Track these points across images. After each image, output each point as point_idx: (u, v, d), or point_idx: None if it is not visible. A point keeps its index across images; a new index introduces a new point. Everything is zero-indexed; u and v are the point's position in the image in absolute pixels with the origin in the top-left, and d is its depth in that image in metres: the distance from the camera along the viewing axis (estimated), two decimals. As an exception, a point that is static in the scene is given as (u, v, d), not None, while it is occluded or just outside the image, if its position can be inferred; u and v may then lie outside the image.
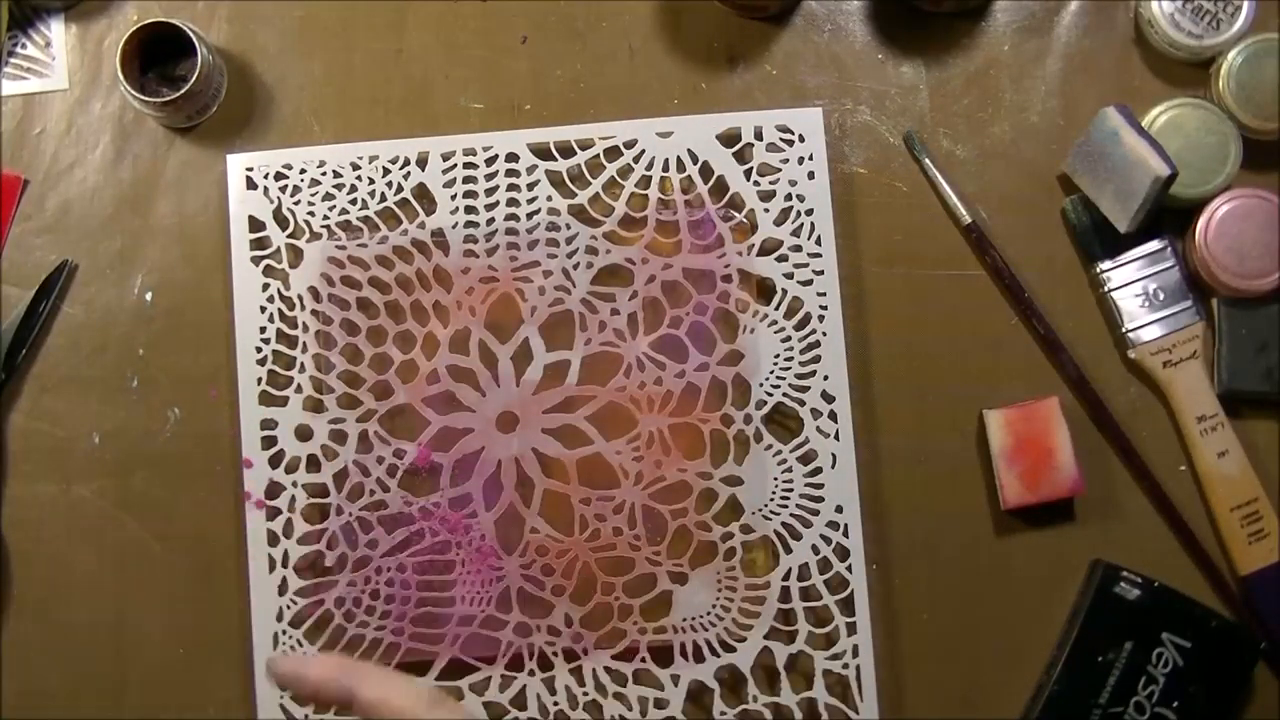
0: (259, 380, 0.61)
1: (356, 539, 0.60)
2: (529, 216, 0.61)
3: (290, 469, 0.61)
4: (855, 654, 0.59)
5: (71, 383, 0.62)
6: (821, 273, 0.60)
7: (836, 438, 0.60)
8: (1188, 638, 0.58)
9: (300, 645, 0.60)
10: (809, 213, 0.61)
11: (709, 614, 0.59)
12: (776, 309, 0.60)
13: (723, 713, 0.59)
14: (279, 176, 0.62)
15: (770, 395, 0.60)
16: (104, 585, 0.61)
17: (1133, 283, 0.60)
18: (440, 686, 0.60)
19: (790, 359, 0.60)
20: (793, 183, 0.61)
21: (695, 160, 0.61)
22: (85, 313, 0.63)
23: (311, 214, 0.62)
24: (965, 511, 0.61)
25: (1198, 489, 0.60)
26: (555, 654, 0.60)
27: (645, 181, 0.61)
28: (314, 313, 0.61)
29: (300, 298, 0.61)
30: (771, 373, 0.60)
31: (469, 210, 0.61)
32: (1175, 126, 0.59)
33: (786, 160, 0.61)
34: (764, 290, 0.61)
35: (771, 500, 0.60)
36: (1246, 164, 0.59)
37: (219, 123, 0.63)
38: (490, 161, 0.62)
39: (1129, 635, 0.58)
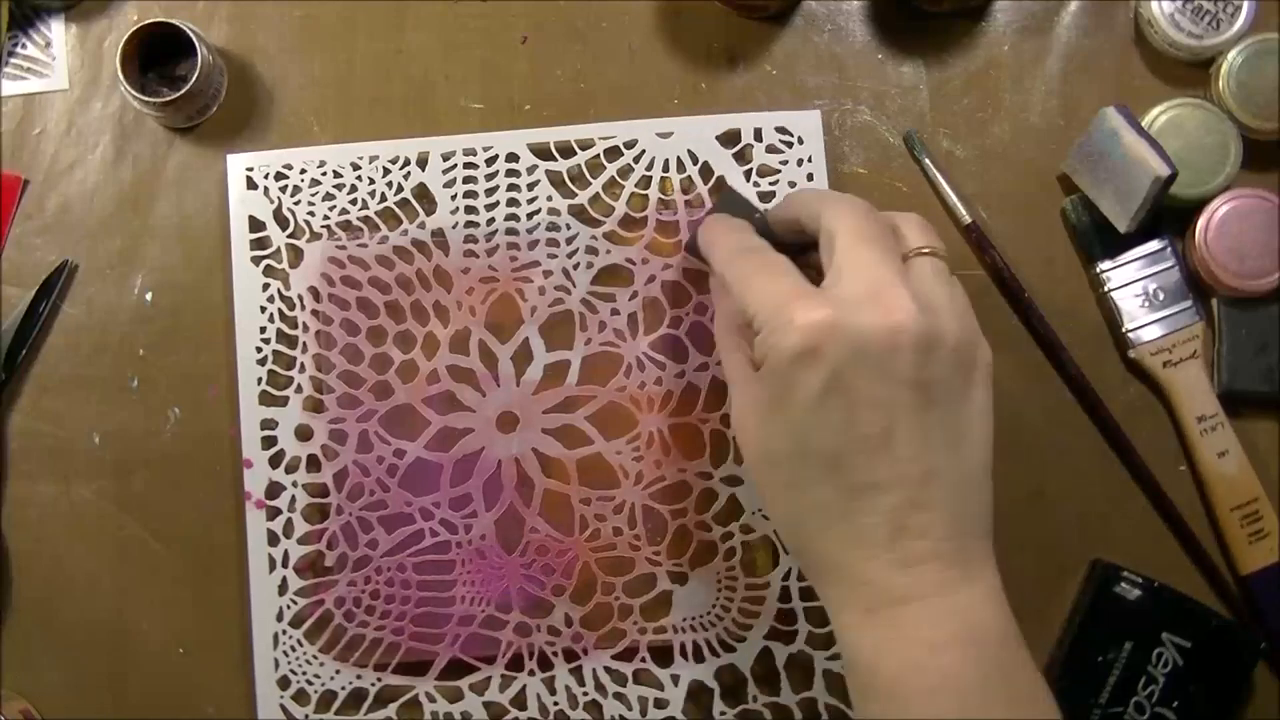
0: (259, 380, 0.61)
1: (356, 539, 0.60)
2: (529, 216, 0.61)
3: (290, 469, 0.61)
4: (855, 654, 0.59)
5: (71, 383, 0.62)
6: (821, 273, 0.60)
7: (836, 438, 0.60)
8: (1188, 638, 0.58)
9: (301, 645, 0.60)
10: (809, 213, 0.61)
11: (709, 614, 0.59)
12: (776, 309, 0.60)
13: (723, 713, 0.59)
14: (279, 176, 0.62)
15: (770, 395, 0.60)
16: (104, 585, 0.61)
17: (1133, 283, 0.60)
18: (441, 684, 0.60)
19: (790, 359, 0.60)
20: (792, 184, 0.61)
21: (695, 160, 0.61)
22: (85, 313, 0.63)
23: (312, 214, 0.62)
24: (965, 511, 0.61)
25: (1198, 489, 0.60)
26: (555, 654, 0.60)
27: (645, 181, 0.61)
28: (314, 313, 0.61)
29: (300, 298, 0.61)
30: (771, 373, 0.60)
31: (469, 210, 0.61)
32: (1175, 126, 0.59)
33: (786, 161, 0.61)
34: (764, 290, 0.61)
35: (771, 500, 0.60)
36: (1246, 164, 0.59)
37: (219, 123, 0.63)
38: (490, 161, 0.62)
39: (1129, 635, 0.58)
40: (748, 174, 0.61)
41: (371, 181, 0.62)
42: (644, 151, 0.61)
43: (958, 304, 0.47)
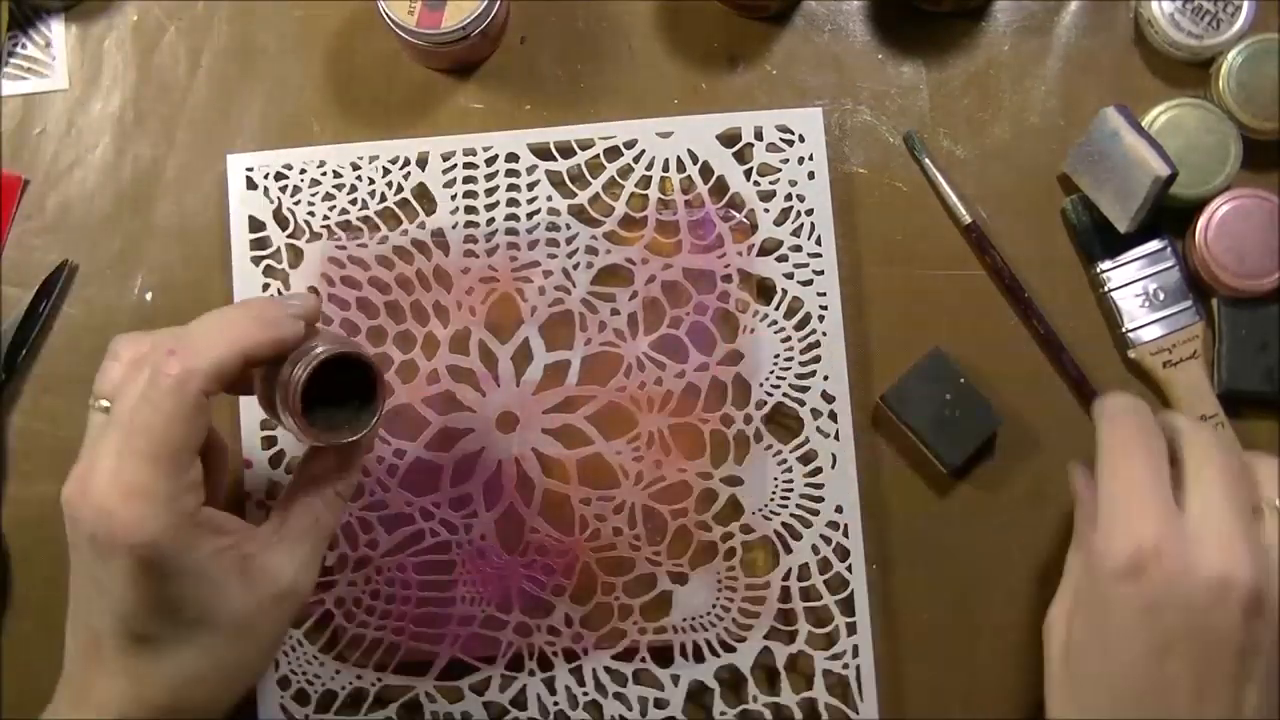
0: (259, 380, 0.61)
1: (356, 539, 0.60)
2: (529, 216, 0.61)
3: (290, 469, 0.61)
4: (855, 654, 0.59)
5: (72, 383, 0.62)
6: (821, 273, 0.60)
7: (836, 438, 0.60)
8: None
9: (301, 645, 0.60)
10: (809, 213, 0.61)
11: (709, 614, 0.59)
12: (776, 309, 0.60)
13: (723, 713, 0.59)
14: (279, 176, 0.62)
15: (770, 395, 0.60)
16: (104, 585, 0.61)
17: (1133, 282, 0.60)
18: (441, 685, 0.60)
19: (790, 359, 0.60)
20: (793, 183, 0.61)
21: (695, 160, 0.61)
22: (85, 313, 0.63)
23: (311, 214, 0.62)
24: (966, 512, 0.61)
25: (1198, 489, 0.60)
26: (555, 654, 0.60)
27: (645, 181, 0.61)
28: (314, 313, 0.61)
29: (300, 298, 0.61)
30: (771, 373, 0.60)
31: (469, 210, 0.61)
32: (1175, 126, 0.59)
33: (786, 160, 0.61)
34: (764, 290, 0.61)
35: (771, 500, 0.60)
36: (1246, 164, 0.59)
37: (219, 123, 0.63)
38: (490, 161, 0.62)
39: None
40: (748, 173, 0.61)
41: (371, 181, 0.62)
42: (644, 151, 0.61)
43: None
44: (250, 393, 0.51)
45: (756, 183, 0.61)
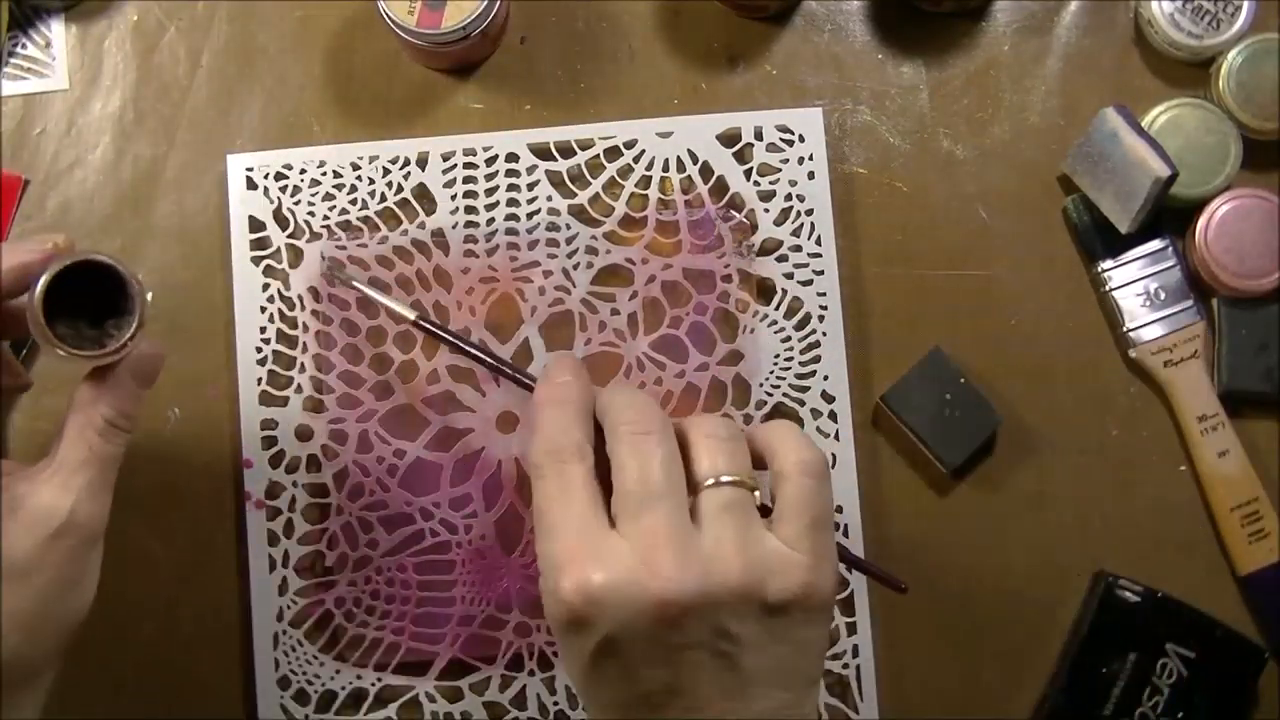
0: (259, 380, 0.61)
1: (356, 539, 0.60)
2: (529, 216, 0.61)
3: (290, 469, 0.61)
4: (855, 654, 0.59)
5: (71, 383, 0.62)
6: (821, 273, 0.60)
7: (836, 438, 0.60)
8: (1191, 648, 0.57)
9: (301, 645, 0.60)
10: (809, 213, 0.61)
11: (709, 614, 0.59)
12: (776, 309, 0.60)
13: (723, 713, 0.59)
14: (279, 176, 0.62)
15: (770, 395, 0.60)
16: (103, 585, 0.61)
17: (1134, 282, 0.60)
18: (439, 686, 0.60)
19: (790, 359, 0.60)
20: (793, 183, 0.61)
21: (695, 160, 0.61)
22: (85, 313, 0.63)
23: (312, 214, 0.62)
24: (966, 512, 0.61)
25: (1198, 489, 0.60)
26: (555, 654, 0.59)
27: (645, 181, 0.61)
28: (314, 313, 0.61)
29: (300, 298, 0.61)
30: (771, 373, 0.60)
31: (469, 210, 0.61)
32: (1175, 126, 0.59)
33: (786, 160, 0.61)
34: (764, 290, 0.61)
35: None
36: (1246, 164, 0.59)
37: (219, 123, 0.63)
38: (490, 161, 0.62)
39: (1132, 646, 0.58)
40: (748, 173, 0.61)
41: (371, 181, 0.62)
42: (644, 151, 0.61)
43: (750, 543, 0.43)
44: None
45: (756, 183, 0.61)
